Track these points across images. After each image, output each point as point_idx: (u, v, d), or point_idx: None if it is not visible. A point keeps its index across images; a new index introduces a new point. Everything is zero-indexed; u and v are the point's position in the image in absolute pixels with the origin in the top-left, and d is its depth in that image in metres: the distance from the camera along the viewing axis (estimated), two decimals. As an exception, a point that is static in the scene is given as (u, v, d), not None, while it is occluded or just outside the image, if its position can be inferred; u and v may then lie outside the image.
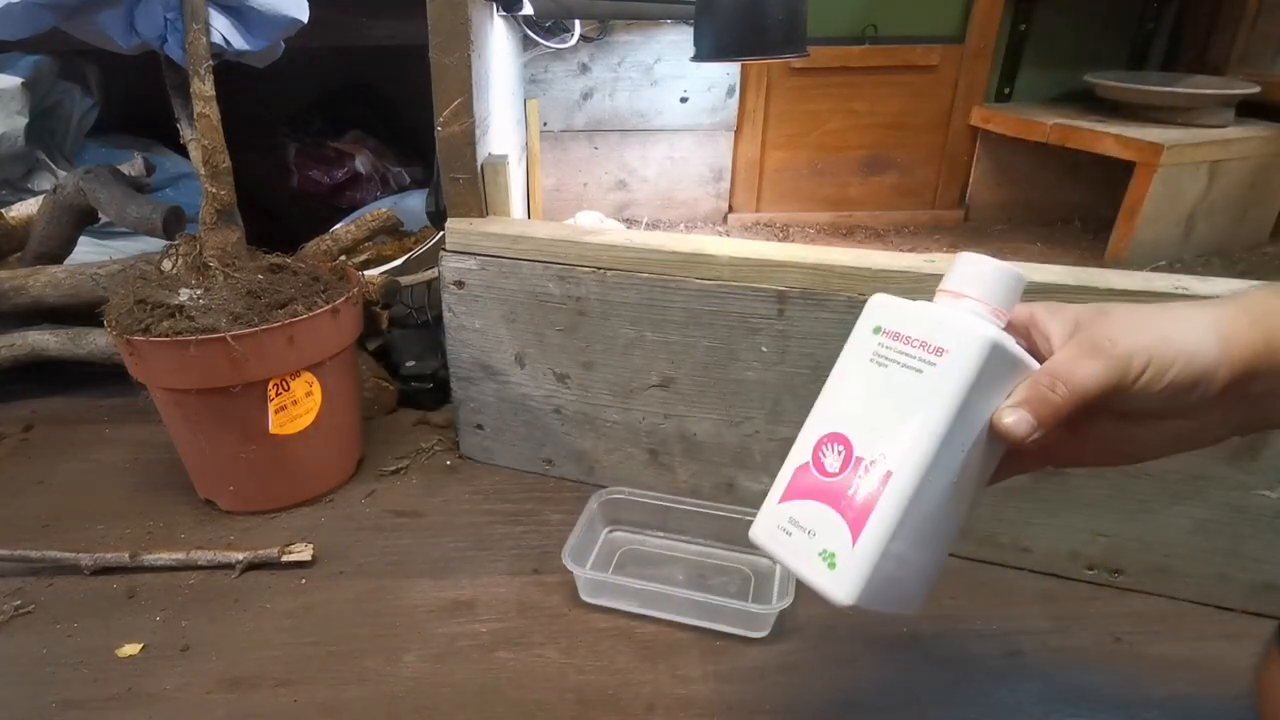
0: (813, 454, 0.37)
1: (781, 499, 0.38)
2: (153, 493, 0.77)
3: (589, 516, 0.68)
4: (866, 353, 0.37)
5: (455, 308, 0.74)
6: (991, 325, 0.35)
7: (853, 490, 0.35)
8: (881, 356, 0.36)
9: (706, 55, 0.92)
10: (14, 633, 0.60)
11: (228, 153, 0.70)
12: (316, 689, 0.55)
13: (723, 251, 0.64)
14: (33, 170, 1.19)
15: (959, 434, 0.34)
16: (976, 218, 1.60)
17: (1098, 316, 0.36)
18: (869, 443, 0.35)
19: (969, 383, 0.33)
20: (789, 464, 0.38)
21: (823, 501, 0.36)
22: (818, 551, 0.35)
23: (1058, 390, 0.34)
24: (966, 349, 0.34)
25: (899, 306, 0.37)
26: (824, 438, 0.37)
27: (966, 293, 0.37)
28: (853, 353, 0.38)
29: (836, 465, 0.36)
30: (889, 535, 0.33)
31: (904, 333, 0.36)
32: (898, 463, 0.34)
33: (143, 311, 0.66)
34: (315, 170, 1.45)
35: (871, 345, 0.37)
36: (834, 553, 0.34)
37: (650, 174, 1.53)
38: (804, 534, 0.36)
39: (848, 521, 0.34)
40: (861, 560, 0.34)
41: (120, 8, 0.67)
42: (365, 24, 0.99)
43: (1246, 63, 1.43)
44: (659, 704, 0.54)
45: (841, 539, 0.34)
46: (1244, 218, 1.35)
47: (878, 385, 0.36)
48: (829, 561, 0.35)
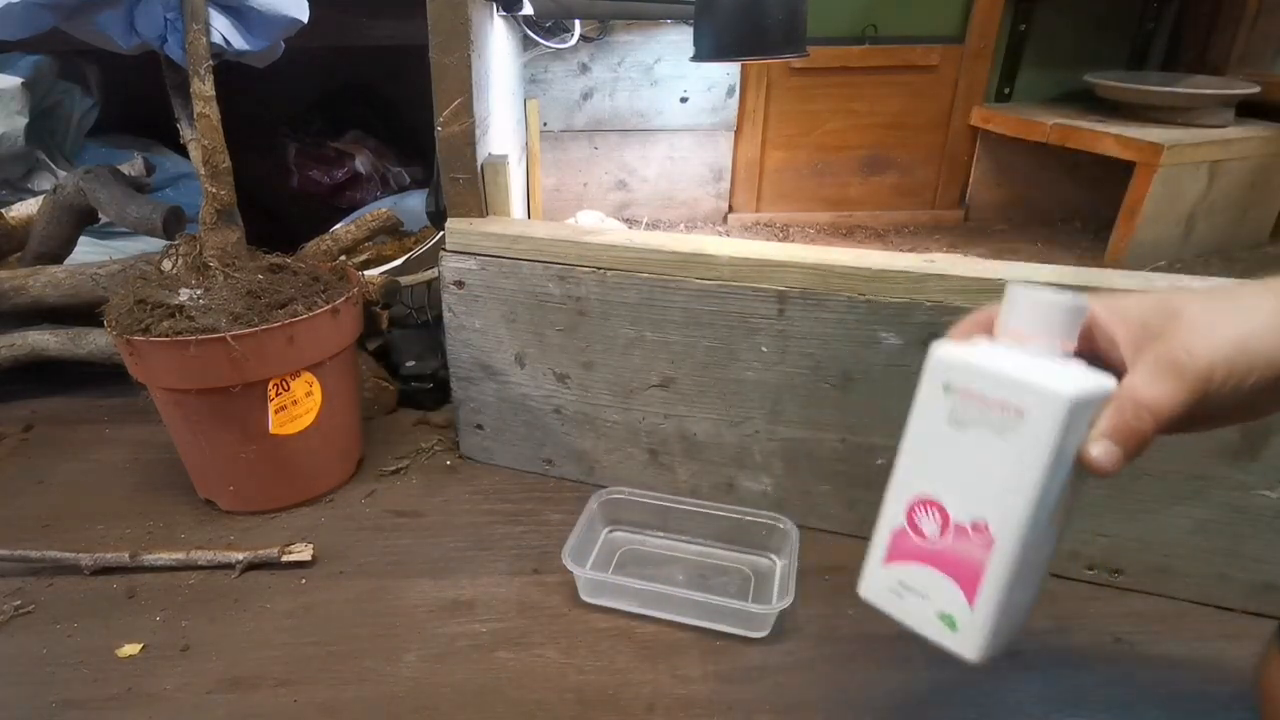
0: (907, 517, 0.38)
1: (885, 561, 0.39)
2: (153, 493, 0.77)
3: (589, 516, 0.68)
4: (942, 413, 0.37)
5: (455, 308, 0.74)
6: (1067, 378, 0.34)
7: (958, 557, 0.36)
8: (959, 419, 0.36)
9: (706, 55, 0.92)
10: (14, 633, 0.60)
11: (228, 153, 0.70)
12: (316, 689, 0.55)
13: (723, 251, 0.64)
14: (33, 170, 1.19)
15: (1051, 486, 0.34)
16: (976, 218, 1.60)
17: (1168, 322, 0.35)
18: (964, 507, 0.36)
19: (1055, 445, 0.33)
20: (884, 525, 0.39)
21: (930, 565, 0.38)
22: (936, 614, 0.37)
23: (1142, 419, 0.33)
24: (1047, 412, 0.33)
25: (966, 362, 0.37)
26: (916, 501, 0.38)
27: (1032, 334, 0.36)
28: (927, 411, 0.38)
29: (935, 530, 0.37)
30: (1002, 596, 0.35)
31: (977, 392, 0.36)
32: (998, 527, 0.35)
33: (143, 311, 0.66)
34: (315, 170, 1.45)
35: (946, 405, 0.37)
36: (953, 616, 0.37)
37: (650, 174, 1.53)
38: (917, 597, 0.38)
39: (960, 586, 0.36)
40: (982, 621, 0.36)
41: (120, 8, 0.67)
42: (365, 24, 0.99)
43: (1246, 63, 1.43)
44: (659, 704, 0.54)
45: (957, 602, 0.36)
46: (1244, 218, 1.35)
47: (961, 448, 0.36)
48: (949, 624, 0.37)
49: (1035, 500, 0.34)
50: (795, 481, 0.71)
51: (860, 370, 0.64)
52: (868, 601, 0.41)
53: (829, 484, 0.70)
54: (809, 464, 0.69)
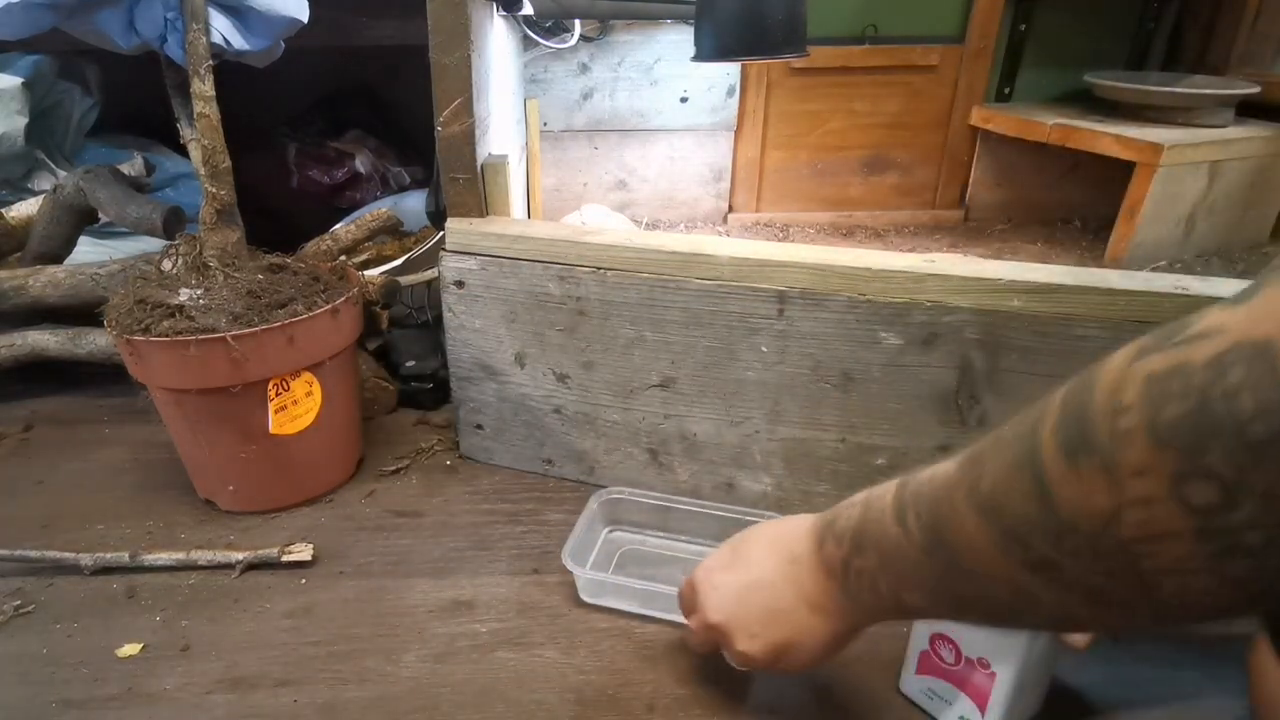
0: (930, 645, 0.51)
1: (917, 672, 0.52)
2: (153, 493, 0.77)
3: (589, 517, 0.68)
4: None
5: (455, 308, 0.74)
6: None
7: (970, 681, 0.49)
8: None
9: (707, 55, 0.92)
10: (14, 633, 0.60)
11: (228, 153, 0.70)
12: (316, 689, 0.55)
13: (723, 251, 0.64)
14: (33, 170, 1.19)
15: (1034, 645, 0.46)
16: (976, 218, 1.60)
17: None
18: (971, 646, 0.48)
19: None
20: (913, 646, 0.52)
21: (949, 682, 0.50)
22: (958, 715, 0.50)
23: None
24: None
25: None
26: (935, 635, 0.50)
27: None
28: None
29: (951, 658, 0.49)
30: (1006, 708, 0.48)
31: None
32: (998, 666, 0.47)
33: (143, 311, 0.66)
34: (315, 170, 1.45)
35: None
36: (967, 718, 0.50)
37: (650, 174, 1.53)
38: (943, 701, 0.51)
39: (974, 701, 0.49)
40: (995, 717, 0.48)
41: (120, 8, 0.67)
42: (365, 24, 0.99)
43: (1246, 63, 1.43)
44: (659, 704, 0.54)
45: (973, 712, 0.49)
46: (1244, 218, 1.36)
47: None
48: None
49: (1023, 655, 0.46)
50: (795, 481, 0.71)
51: (860, 370, 0.64)
52: (906, 695, 0.54)
53: (829, 484, 0.69)
54: (809, 464, 0.69)
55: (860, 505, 0.40)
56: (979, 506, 0.30)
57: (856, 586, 0.40)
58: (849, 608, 0.41)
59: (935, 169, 1.58)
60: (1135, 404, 0.25)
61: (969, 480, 0.31)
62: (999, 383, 0.61)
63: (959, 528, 0.32)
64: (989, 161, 1.55)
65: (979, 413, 0.63)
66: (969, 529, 0.31)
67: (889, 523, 0.36)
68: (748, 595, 0.46)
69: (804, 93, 1.50)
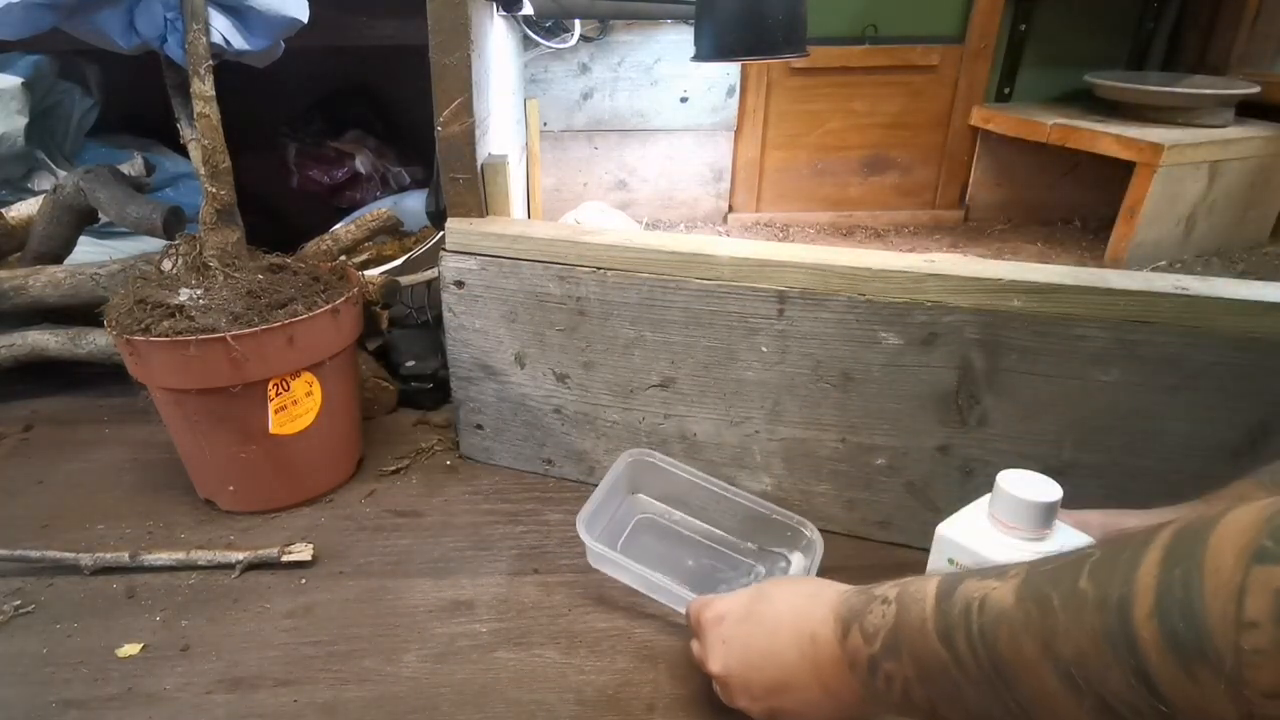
0: None
1: None
2: (153, 493, 0.77)
3: (614, 477, 0.67)
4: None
5: (455, 308, 0.74)
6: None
7: None
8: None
9: (707, 55, 0.92)
10: (14, 633, 0.60)
11: (228, 153, 0.70)
12: (316, 689, 0.55)
13: (723, 251, 0.64)
14: (33, 170, 1.19)
15: None
16: (976, 218, 1.60)
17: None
18: None
19: None
20: None
21: None
22: None
23: None
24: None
25: (961, 544, 0.48)
26: None
27: (1014, 525, 0.47)
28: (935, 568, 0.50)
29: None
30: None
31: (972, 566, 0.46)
32: None
33: (143, 311, 0.66)
34: (315, 170, 1.45)
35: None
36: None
37: (650, 174, 1.53)
38: None
39: None
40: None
41: (120, 8, 0.67)
42: (365, 24, 0.99)
43: (1246, 63, 1.43)
44: (659, 704, 0.54)
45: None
46: (1244, 218, 1.36)
47: None
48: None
49: None
50: (795, 481, 0.71)
51: (860, 370, 0.64)
52: None
53: (829, 484, 0.70)
54: (809, 464, 0.69)
55: (894, 605, 0.39)
56: (1062, 672, 0.29)
57: (884, 688, 0.39)
58: (866, 699, 0.40)
59: (935, 169, 1.58)
60: (1264, 622, 0.23)
61: (1041, 633, 0.30)
62: (999, 383, 0.61)
63: (1033, 680, 0.30)
64: (989, 161, 1.55)
65: (979, 413, 0.63)
66: (1049, 687, 0.30)
67: (932, 639, 0.35)
68: (759, 661, 0.46)
69: (804, 93, 1.50)
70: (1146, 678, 0.26)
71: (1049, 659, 0.29)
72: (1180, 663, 0.25)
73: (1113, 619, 0.27)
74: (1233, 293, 0.56)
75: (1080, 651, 0.28)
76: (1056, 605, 0.30)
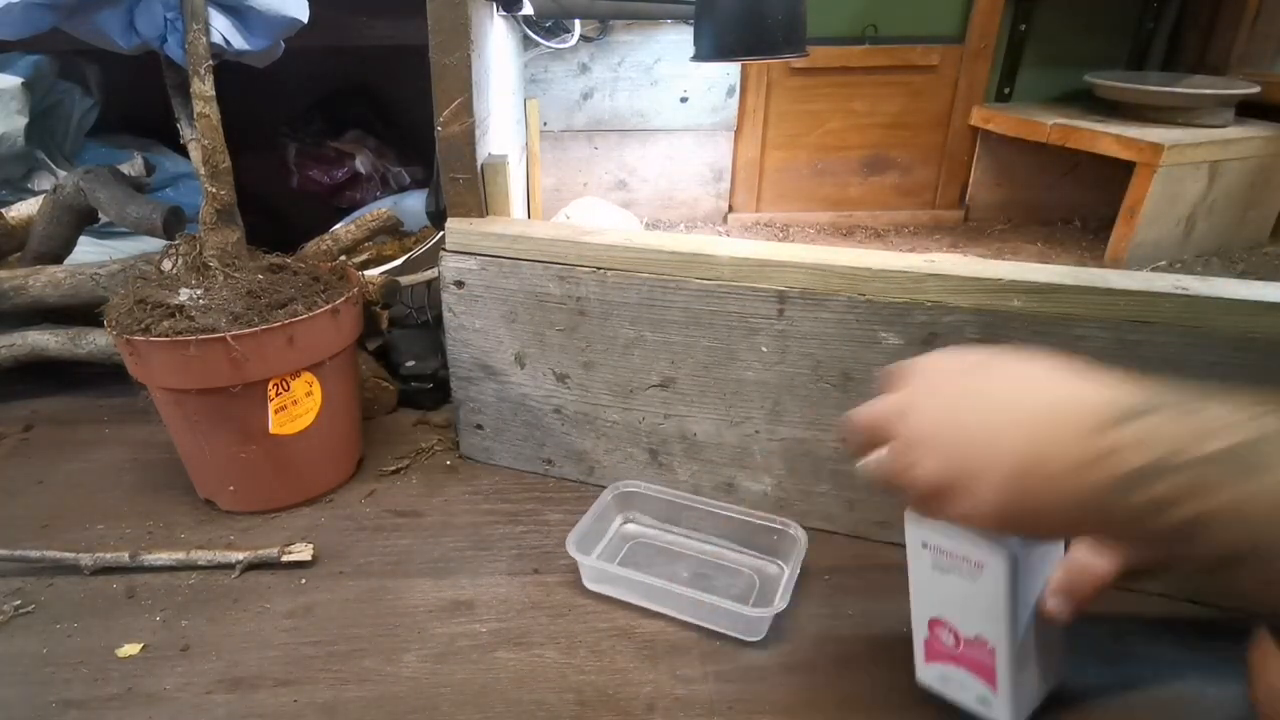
0: (929, 632, 0.51)
1: (927, 660, 0.52)
2: (153, 493, 0.77)
3: (601, 506, 0.68)
4: (927, 562, 0.49)
5: (455, 308, 0.74)
6: (1011, 540, 0.44)
7: (974, 659, 0.49)
8: (940, 567, 0.48)
9: (706, 55, 0.92)
10: (14, 633, 0.60)
11: (228, 153, 0.70)
12: (316, 689, 0.55)
13: (723, 251, 0.64)
14: (33, 170, 1.19)
15: (1023, 606, 0.46)
16: (976, 218, 1.60)
17: None
18: (966, 626, 0.49)
19: (1010, 586, 0.45)
20: (917, 635, 0.52)
21: (957, 665, 0.50)
22: (976, 696, 0.50)
23: (1084, 580, 0.43)
24: (998, 566, 0.45)
25: (935, 527, 0.47)
26: (933, 621, 0.51)
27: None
28: (917, 562, 0.49)
29: (951, 641, 0.50)
30: (1012, 680, 0.48)
31: (947, 549, 0.47)
32: (994, 640, 0.47)
33: (143, 311, 0.66)
34: (315, 170, 1.45)
35: (928, 557, 0.48)
36: (985, 698, 0.49)
37: (650, 174, 1.53)
38: (958, 684, 0.51)
39: (982, 679, 0.49)
40: (1004, 698, 0.49)
41: (120, 8, 0.67)
42: (365, 24, 0.99)
43: (1246, 63, 1.43)
44: (659, 704, 0.54)
45: (986, 689, 0.49)
46: (1244, 218, 1.36)
47: (949, 586, 0.48)
48: (985, 702, 0.50)
49: (1011, 623, 0.46)
50: (795, 481, 0.71)
51: (860, 370, 0.64)
52: (924, 685, 0.53)
53: (829, 484, 0.70)
54: (809, 464, 0.69)
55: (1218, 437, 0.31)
56: None
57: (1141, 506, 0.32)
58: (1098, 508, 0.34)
59: (935, 169, 1.58)
60: None
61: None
62: (999, 383, 0.61)
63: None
64: (989, 161, 1.55)
65: (979, 413, 0.63)
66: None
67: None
68: (986, 405, 0.38)
69: (804, 93, 1.50)
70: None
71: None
72: None
73: None
74: (1233, 293, 0.56)
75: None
76: None
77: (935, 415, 0.40)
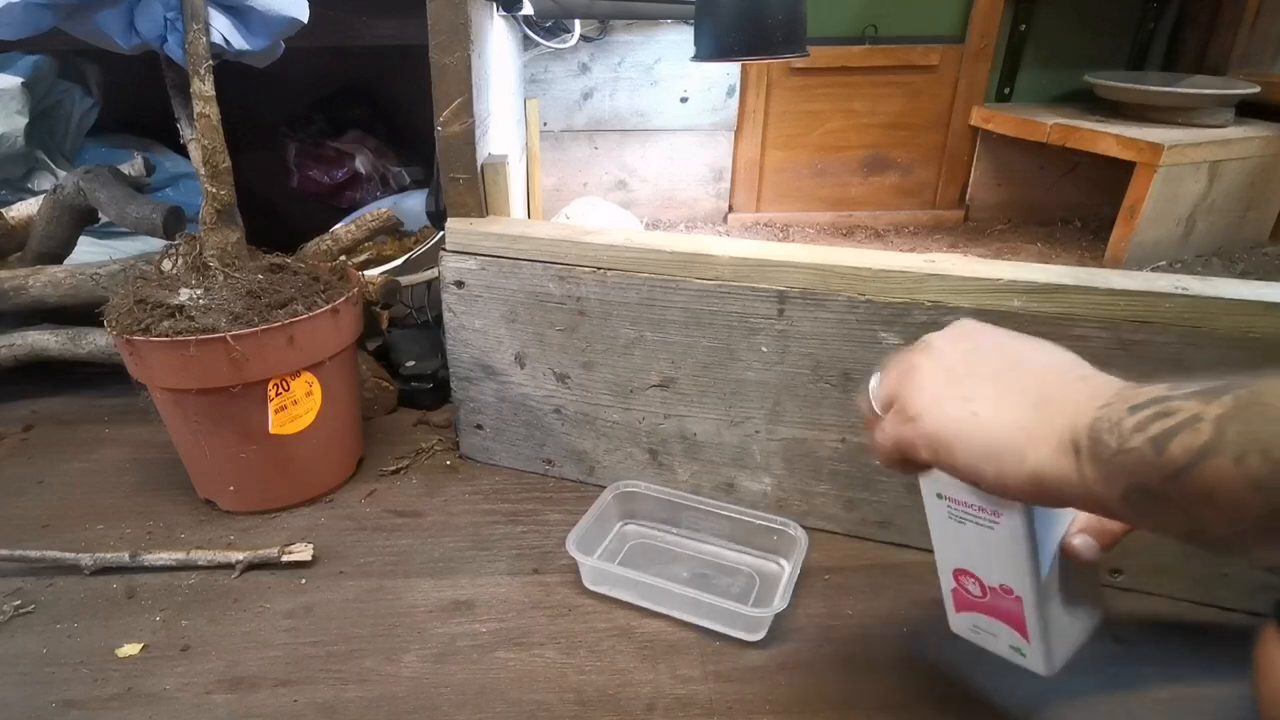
0: (956, 582, 0.50)
1: (957, 610, 0.51)
2: (153, 493, 0.77)
3: (602, 506, 0.68)
4: (944, 513, 0.47)
5: (455, 308, 0.74)
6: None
7: (1002, 608, 0.48)
8: (957, 517, 0.46)
9: (706, 55, 0.92)
10: (14, 633, 0.60)
11: (228, 153, 0.70)
12: (316, 689, 0.55)
13: (723, 251, 0.64)
14: (33, 170, 1.19)
15: (1044, 560, 0.45)
16: (976, 218, 1.60)
17: None
18: (990, 575, 0.47)
19: (1029, 532, 0.43)
20: (944, 586, 0.51)
21: (987, 615, 0.49)
22: (1008, 645, 0.49)
23: (1109, 524, 0.43)
24: (1014, 513, 0.43)
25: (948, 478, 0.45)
26: (958, 571, 0.49)
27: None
28: (934, 512, 0.48)
29: (979, 591, 0.49)
30: (1043, 629, 0.46)
31: (963, 500, 0.45)
32: (1018, 587, 0.46)
33: (143, 311, 0.66)
34: (315, 170, 1.45)
35: (943, 507, 0.47)
36: (1018, 647, 0.48)
37: (650, 174, 1.53)
38: (990, 635, 0.50)
39: (1013, 627, 0.48)
40: (1038, 647, 0.47)
41: (120, 8, 0.67)
42: (365, 24, 0.99)
43: (1246, 63, 1.43)
44: (659, 704, 0.54)
45: (1017, 638, 0.48)
46: (1244, 218, 1.35)
47: (968, 536, 0.46)
48: (1020, 651, 0.48)
49: (1033, 571, 0.44)
50: (795, 481, 0.71)
51: (860, 370, 0.64)
52: (958, 633, 0.52)
53: (829, 484, 0.69)
54: (809, 464, 0.69)
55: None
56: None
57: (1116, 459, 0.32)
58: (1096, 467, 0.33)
59: (935, 169, 1.58)
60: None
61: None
62: (999, 383, 0.61)
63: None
64: (989, 161, 1.55)
65: (979, 413, 0.63)
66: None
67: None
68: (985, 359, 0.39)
69: (804, 93, 1.50)
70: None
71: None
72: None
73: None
74: (1233, 293, 0.56)
75: None
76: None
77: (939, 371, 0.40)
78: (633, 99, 1.45)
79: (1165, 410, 0.32)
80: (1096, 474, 0.33)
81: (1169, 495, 0.32)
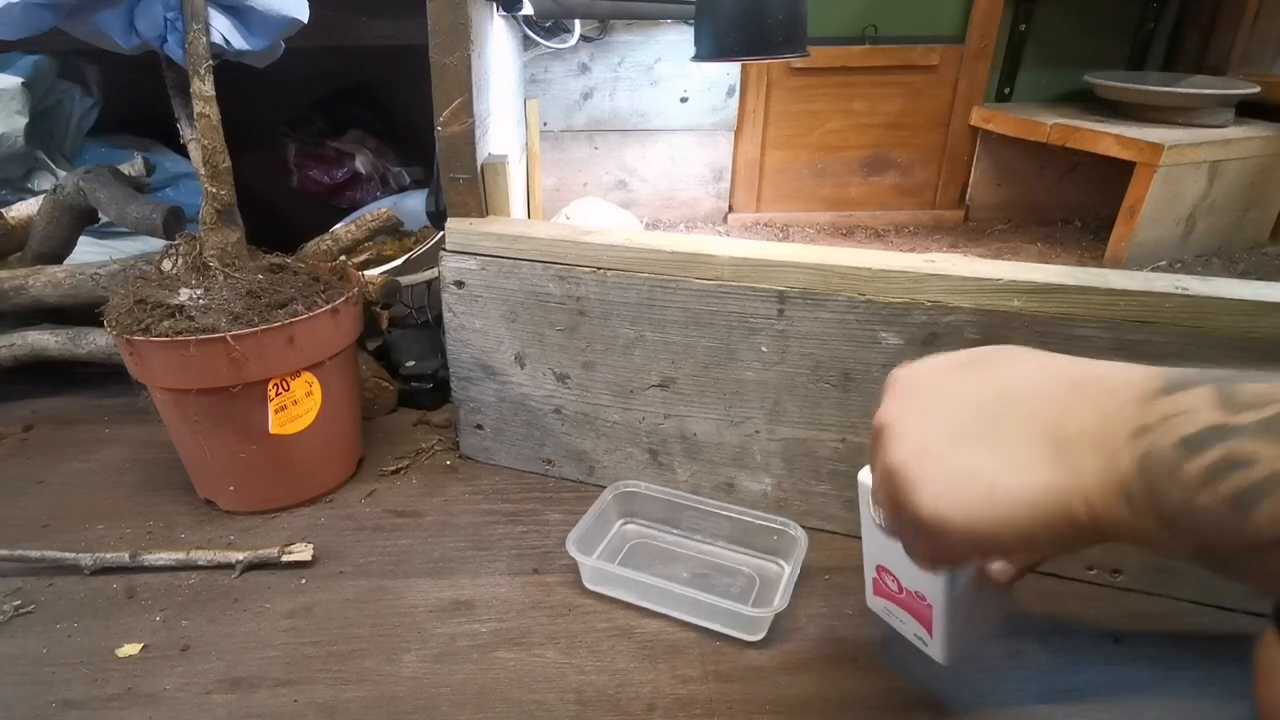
0: (877, 574, 0.54)
1: (874, 594, 0.55)
2: (153, 493, 0.77)
3: (602, 506, 0.68)
4: (874, 519, 0.50)
5: (455, 308, 0.74)
6: None
7: (914, 607, 0.51)
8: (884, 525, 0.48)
9: (706, 55, 0.92)
10: (14, 633, 0.60)
11: (228, 153, 0.70)
12: (316, 689, 0.55)
13: (723, 251, 0.64)
14: (33, 170, 1.19)
15: (955, 579, 0.47)
16: (976, 218, 1.60)
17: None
18: (907, 579, 0.51)
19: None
20: (867, 569, 0.55)
21: (899, 606, 0.53)
22: (913, 634, 0.53)
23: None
24: None
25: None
26: (879, 567, 0.53)
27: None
28: (865, 516, 0.51)
29: (896, 588, 0.52)
30: (947, 631, 0.50)
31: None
32: (930, 597, 0.49)
33: (143, 311, 0.66)
34: (315, 170, 1.45)
35: (875, 513, 0.49)
36: (922, 638, 0.52)
37: (650, 174, 1.53)
38: (898, 620, 0.54)
39: (921, 624, 0.51)
40: (939, 643, 0.51)
41: (120, 8, 0.67)
42: (365, 24, 0.99)
43: (1246, 63, 1.43)
44: (659, 704, 0.54)
45: (922, 630, 0.52)
46: (1244, 218, 1.36)
47: (892, 545, 0.46)
48: (922, 640, 0.52)
49: (945, 589, 0.48)
50: (795, 481, 0.71)
51: (860, 370, 0.64)
52: (874, 610, 0.56)
53: (829, 484, 0.69)
54: (809, 464, 0.69)
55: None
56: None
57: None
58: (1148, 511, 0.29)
59: (935, 169, 1.58)
60: None
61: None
62: (999, 383, 0.61)
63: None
64: (989, 161, 1.55)
65: (979, 413, 0.63)
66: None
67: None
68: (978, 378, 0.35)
69: (804, 93, 1.50)
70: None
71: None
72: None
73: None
74: (1233, 293, 0.56)
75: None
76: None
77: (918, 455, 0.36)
78: (633, 99, 1.45)
79: (1235, 458, 0.27)
80: (1161, 530, 0.29)
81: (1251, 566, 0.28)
